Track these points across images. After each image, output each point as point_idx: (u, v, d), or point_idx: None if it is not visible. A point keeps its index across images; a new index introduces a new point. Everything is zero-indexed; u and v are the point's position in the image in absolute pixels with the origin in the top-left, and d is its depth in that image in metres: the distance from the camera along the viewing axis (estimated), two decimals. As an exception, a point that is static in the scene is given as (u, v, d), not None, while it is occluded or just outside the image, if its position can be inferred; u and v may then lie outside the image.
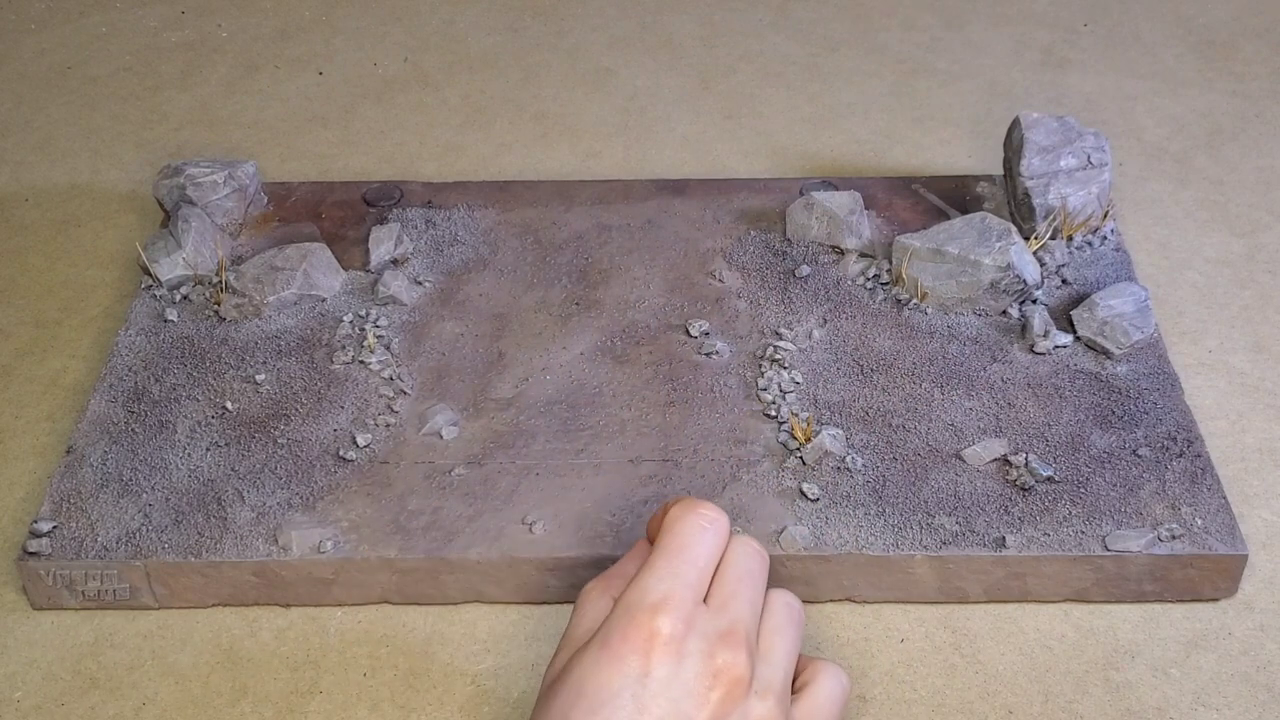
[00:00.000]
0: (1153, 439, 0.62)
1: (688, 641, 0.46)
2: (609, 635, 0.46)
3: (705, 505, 0.50)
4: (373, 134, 0.88)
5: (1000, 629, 0.58)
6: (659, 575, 0.48)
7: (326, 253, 0.72)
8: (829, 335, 0.68)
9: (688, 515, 0.50)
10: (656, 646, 0.46)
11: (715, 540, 0.49)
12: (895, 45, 0.95)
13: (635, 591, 0.47)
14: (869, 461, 0.61)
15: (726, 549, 0.50)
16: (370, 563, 0.58)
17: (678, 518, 0.50)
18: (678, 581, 0.47)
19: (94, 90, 0.92)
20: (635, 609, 0.47)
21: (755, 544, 0.51)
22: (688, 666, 0.46)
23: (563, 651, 0.49)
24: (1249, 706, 0.55)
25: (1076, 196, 0.71)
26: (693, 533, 0.49)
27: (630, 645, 0.46)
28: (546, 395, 0.65)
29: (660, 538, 0.49)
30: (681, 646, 0.46)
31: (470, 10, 0.99)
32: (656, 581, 0.47)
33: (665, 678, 0.45)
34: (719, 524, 0.50)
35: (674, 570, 0.48)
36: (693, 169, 0.84)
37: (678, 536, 0.49)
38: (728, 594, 0.48)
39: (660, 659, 0.46)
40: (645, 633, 0.46)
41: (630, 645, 0.46)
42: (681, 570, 0.48)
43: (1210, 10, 0.97)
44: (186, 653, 0.58)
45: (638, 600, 0.47)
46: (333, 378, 0.66)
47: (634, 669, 0.45)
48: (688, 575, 0.48)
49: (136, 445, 0.63)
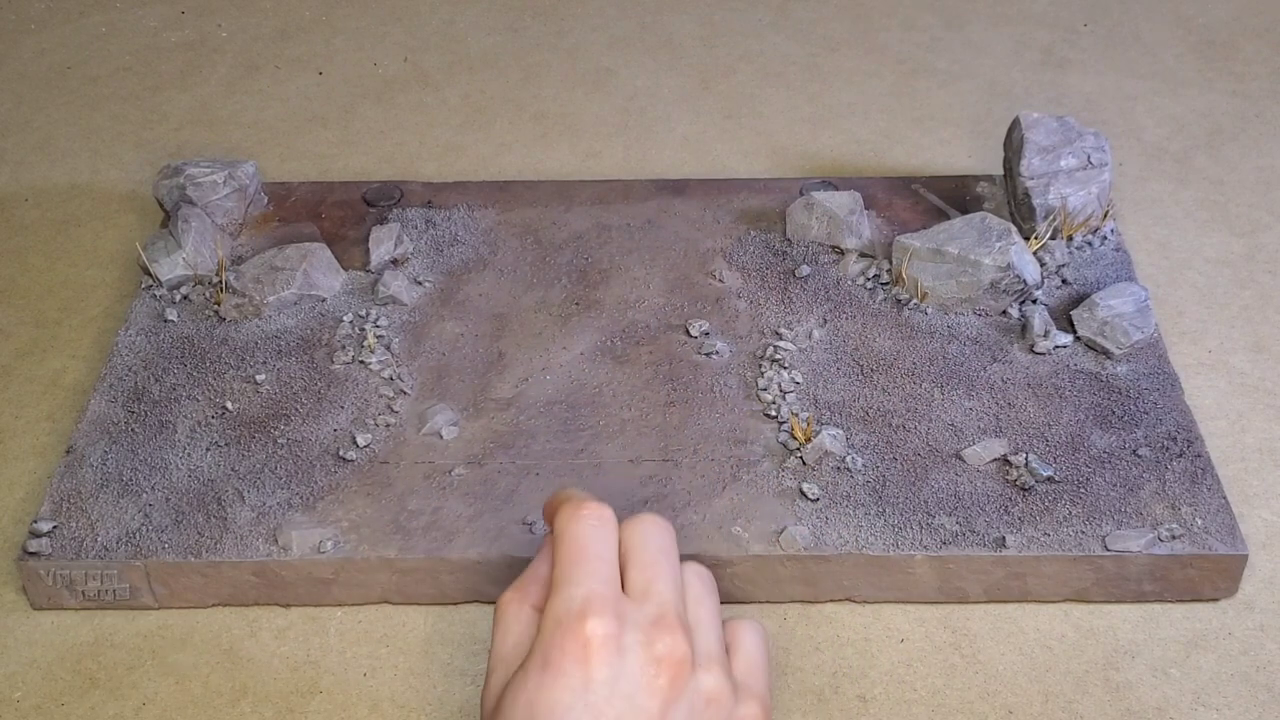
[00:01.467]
0: (1153, 439, 0.62)
1: (623, 637, 0.46)
2: (547, 653, 0.46)
3: (586, 504, 0.50)
4: (373, 134, 0.88)
5: (1000, 629, 0.58)
6: (574, 581, 0.47)
7: (326, 253, 0.72)
8: (829, 335, 0.68)
9: (575, 519, 0.49)
10: (594, 651, 0.46)
11: (610, 532, 0.49)
12: (895, 45, 0.95)
13: (558, 603, 0.47)
14: (869, 461, 0.61)
15: (627, 532, 0.50)
16: (370, 563, 0.58)
17: (566, 524, 0.49)
18: (594, 581, 0.47)
19: (94, 90, 0.92)
20: (563, 619, 0.46)
21: (653, 517, 0.51)
22: (630, 661, 0.46)
23: (496, 672, 0.49)
24: (1249, 706, 0.55)
25: (1076, 196, 0.71)
26: (587, 533, 0.49)
27: (569, 657, 0.46)
28: (546, 395, 0.65)
29: (557, 548, 0.49)
30: (619, 643, 0.46)
31: (470, 10, 1.00)
32: (574, 588, 0.47)
33: (610, 678, 0.45)
34: (605, 516, 0.50)
35: (586, 572, 0.48)
36: (693, 169, 0.84)
37: (575, 541, 0.49)
38: (647, 578, 0.48)
39: (600, 662, 0.45)
40: (579, 641, 0.46)
41: (569, 657, 0.46)
42: (593, 570, 0.48)
43: (1210, 10, 0.97)
44: (186, 653, 0.58)
45: (564, 610, 0.47)
46: (333, 378, 0.66)
47: (578, 680, 0.45)
48: (600, 573, 0.48)
49: (136, 445, 0.63)
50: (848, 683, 0.56)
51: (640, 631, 0.47)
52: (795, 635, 0.58)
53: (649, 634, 0.47)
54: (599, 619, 0.46)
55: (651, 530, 0.50)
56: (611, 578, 0.48)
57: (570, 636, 0.46)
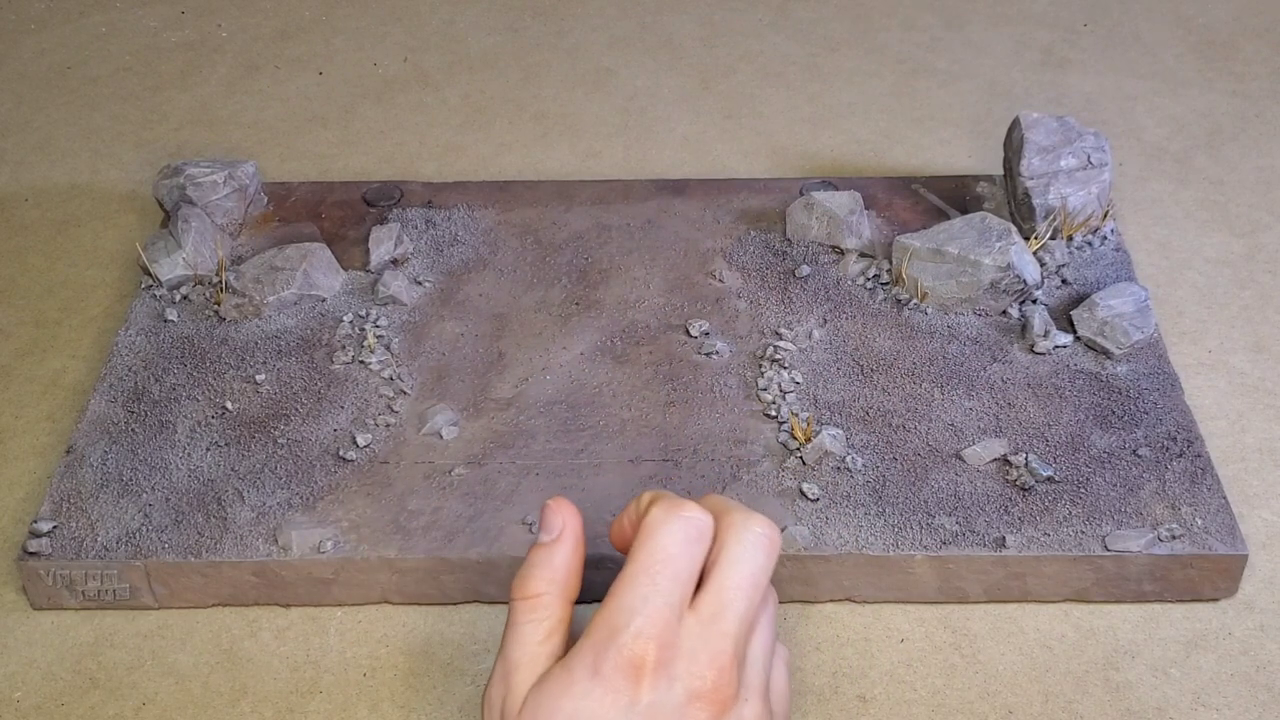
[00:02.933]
0: (1153, 439, 0.62)
1: (676, 665, 0.45)
2: (598, 661, 0.44)
3: (688, 507, 0.46)
4: (373, 134, 0.88)
5: (1000, 629, 0.58)
6: (642, 594, 0.45)
7: (326, 253, 0.72)
8: (829, 335, 0.68)
9: (669, 521, 0.46)
10: (645, 674, 0.44)
11: (701, 549, 0.46)
12: (895, 45, 0.95)
13: (618, 612, 0.45)
14: (869, 461, 0.61)
15: (727, 541, 0.46)
16: (370, 563, 0.58)
17: (659, 522, 0.46)
18: (661, 600, 0.45)
19: (94, 90, 0.92)
20: (620, 633, 0.44)
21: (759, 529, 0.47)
22: (677, 690, 0.44)
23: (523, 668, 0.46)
24: (1249, 706, 0.55)
25: (1076, 196, 0.71)
26: (677, 542, 0.45)
27: (620, 673, 0.44)
28: (546, 395, 0.65)
29: (639, 543, 0.46)
30: (671, 671, 0.44)
31: (470, 10, 1.00)
32: (641, 601, 0.45)
33: (656, 703, 0.44)
34: (704, 527, 0.46)
35: (657, 587, 0.45)
36: (693, 169, 0.84)
37: (660, 546, 0.45)
38: (721, 605, 0.45)
39: (649, 686, 0.44)
40: (633, 661, 0.44)
41: (620, 673, 0.44)
42: (665, 587, 0.45)
43: (1210, 10, 0.97)
44: (186, 653, 0.58)
45: (623, 623, 0.45)
46: (333, 378, 0.66)
47: (625, 698, 0.44)
48: (671, 593, 0.45)
49: (136, 445, 0.63)
50: (848, 683, 0.56)
51: (694, 663, 0.45)
52: (795, 635, 0.58)
53: (702, 667, 0.45)
54: (658, 645, 0.44)
55: (750, 551, 0.46)
56: (683, 599, 0.45)
57: (625, 653, 0.44)
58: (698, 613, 0.45)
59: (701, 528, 0.46)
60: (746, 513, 0.47)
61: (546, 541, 0.49)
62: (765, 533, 0.47)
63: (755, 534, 0.47)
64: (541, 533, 0.49)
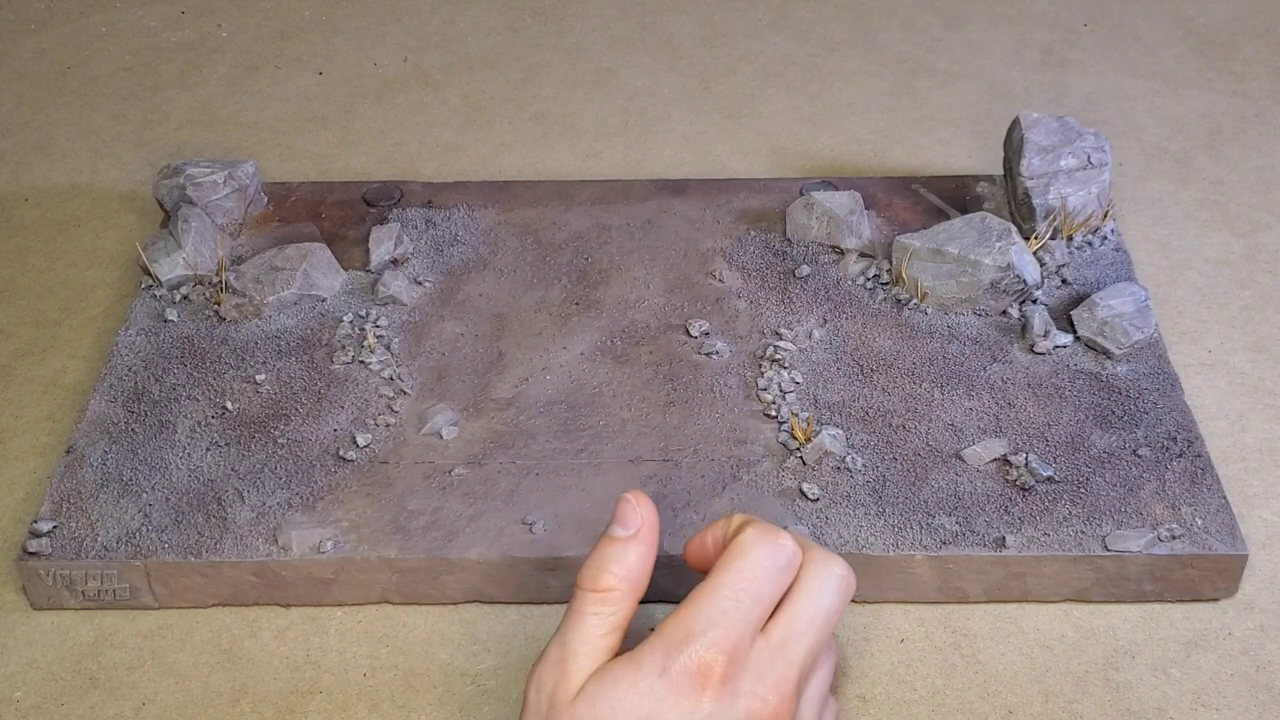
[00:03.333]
0: (1153, 439, 0.62)
1: (741, 682, 0.45)
2: (669, 662, 0.45)
3: (784, 537, 0.47)
4: (373, 134, 0.88)
5: (1000, 629, 0.58)
6: (723, 608, 0.46)
7: (326, 253, 0.72)
8: (829, 335, 0.68)
9: (764, 544, 0.47)
10: (711, 685, 0.45)
11: (786, 578, 0.47)
12: (895, 45, 0.95)
13: (696, 619, 0.46)
14: (869, 461, 0.61)
15: (806, 578, 0.48)
16: (370, 563, 0.58)
17: (753, 543, 0.47)
18: (740, 617, 0.46)
19: (94, 90, 0.92)
20: (696, 639, 0.45)
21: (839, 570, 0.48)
22: (738, 707, 0.45)
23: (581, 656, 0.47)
24: (1249, 706, 0.55)
25: (1076, 196, 0.71)
26: (765, 565, 0.47)
27: (688, 679, 0.45)
28: (546, 395, 0.65)
29: (729, 559, 0.47)
30: (735, 687, 0.45)
31: (470, 10, 1.00)
32: (720, 614, 0.46)
33: (714, 714, 0.45)
34: (794, 559, 0.47)
35: (739, 604, 0.46)
36: (693, 169, 0.84)
37: (751, 566, 0.46)
38: (793, 634, 0.46)
39: (712, 697, 0.45)
40: (704, 668, 0.45)
41: (688, 679, 0.45)
42: (746, 605, 0.46)
43: (1210, 10, 0.97)
44: (186, 653, 0.58)
45: (700, 630, 0.45)
46: (333, 378, 0.66)
47: (688, 703, 0.45)
48: (751, 612, 0.46)
49: (136, 445, 0.63)
50: (848, 683, 0.56)
51: (759, 684, 0.46)
52: (795, 635, 0.58)
53: (767, 690, 0.46)
54: (728, 659, 0.45)
55: (829, 589, 0.48)
56: (760, 619, 0.46)
57: (696, 660, 0.45)
58: (768, 637, 0.47)
59: (791, 558, 0.47)
60: (829, 554, 0.49)
61: (621, 536, 0.49)
62: (844, 575, 0.48)
63: (835, 575, 0.48)
64: (616, 526, 0.49)
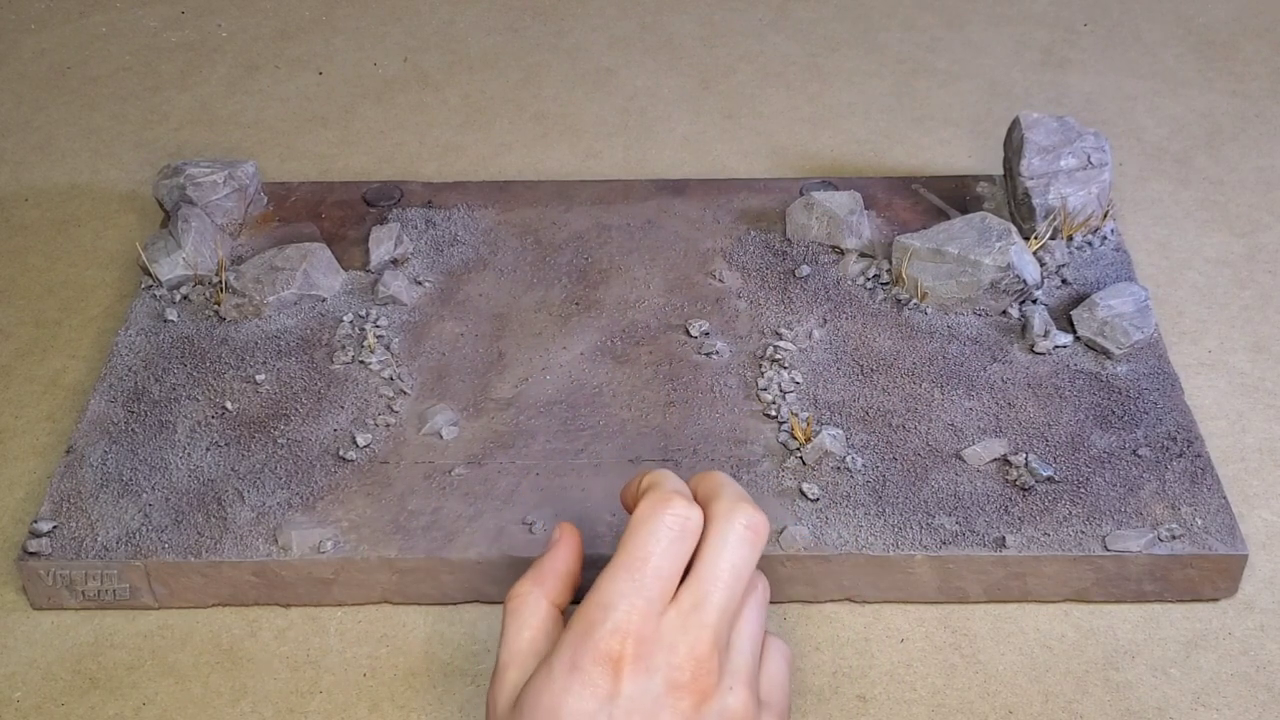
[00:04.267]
0: (1153, 439, 0.62)
1: (655, 657, 0.45)
2: (576, 656, 0.45)
3: (675, 504, 0.47)
4: (373, 134, 0.88)
5: (1000, 629, 0.58)
6: (620, 590, 0.45)
7: (326, 253, 0.72)
8: (829, 335, 0.68)
9: (655, 518, 0.46)
10: (625, 666, 0.45)
11: (685, 545, 0.47)
12: (895, 45, 0.95)
13: (596, 608, 0.46)
14: (869, 461, 0.61)
15: (710, 536, 0.47)
16: (370, 563, 0.58)
17: (644, 520, 0.47)
18: (640, 597, 0.45)
19: (94, 90, 0.92)
20: (597, 627, 0.45)
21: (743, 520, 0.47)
22: (656, 681, 0.45)
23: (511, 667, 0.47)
24: (1249, 706, 0.55)
25: (1076, 196, 0.71)
26: (659, 540, 0.46)
27: (599, 667, 0.45)
28: (546, 395, 0.65)
29: (625, 539, 0.47)
30: (649, 663, 0.45)
31: (470, 10, 1.00)
32: (619, 597, 0.45)
33: (636, 693, 0.45)
34: (689, 525, 0.47)
35: (636, 584, 0.45)
36: (693, 169, 0.84)
37: (643, 544, 0.46)
38: (701, 596, 0.46)
39: (629, 677, 0.45)
40: (612, 654, 0.45)
41: (599, 667, 0.45)
42: (645, 583, 0.46)
43: (1210, 10, 0.97)
44: (186, 653, 0.58)
45: (600, 618, 0.45)
46: (333, 378, 0.66)
47: (604, 690, 0.45)
48: (651, 589, 0.45)
49: (136, 445, 0.63)
50: (848, 683, 0.56)
51: (673, 655, 0.45)
52: (795, 635, 0.58)
53: (680, 661, 0.45)
54: (635, 639, 0.45)
55: (733, 544, 0.47)
56: (664, 593, 0.46)
57: (602, 647, 0.45)
58: (679, 605, 0.46)
59: (687, 524, 0.47)
60: (733, 503, 0.48)
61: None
62: (749, 524, 0.47)
63: (738, 527, 0.47)
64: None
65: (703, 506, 0.48)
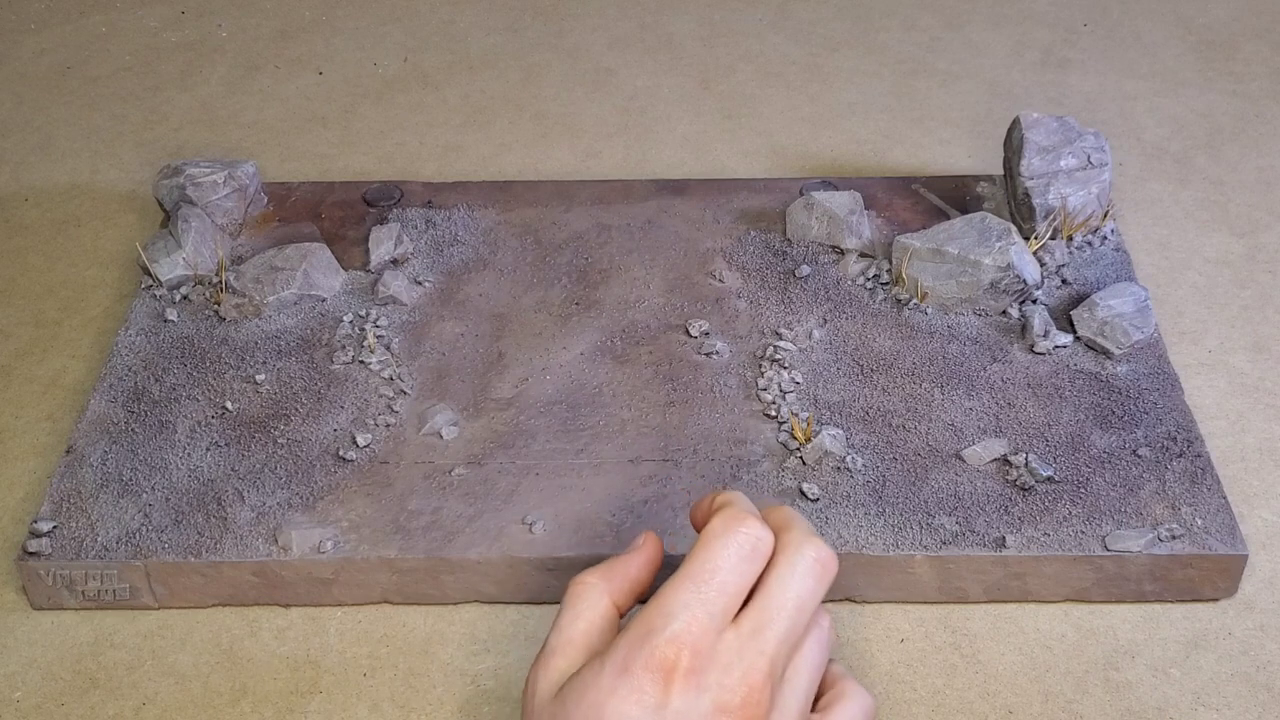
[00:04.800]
0: (1153, 439, 0.62)
1: (708, 675, 0.44)
2: (629, 659, 0.44)
3: (749, 523, 0.47)
4: (373, 134, 0.88)
5: (1000, 629, 0.58)
6: (684, 600, 0.45)
7: (326, 253, 0.72)
8: (829, 335, 0.68)
9: (728, 534, 0.46)
10: (676, 679, 0.44)
11: (753, 565, 0.46)
12: (895, 45, 0.95)
13: (657, 614, 0.45)
14: (869, 461, 0.61)
15: (779, 562, 0.47)
16: (370, 563, 0.58)
17: (716, 535, 0.46)
18: (703, 610, 0.45)
19: (94, 90, 0.92)
20: (656, 634, 0.45)
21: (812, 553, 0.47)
22: (705, 700, 0.44)
23: (560, 654, 0.47)
24: (1249, 706, 0.55)
25: (1076, 196, 0.71)
26: (729, 556, 0.46)
27: (650, 675, 0.44)
28: (546, 395, 0.65)
29: (694, 552, 0.46)
30: (701, 680, 0.44)
31: (470, 10, 1.00)
32: (681, 607, 0.45)
33: (682, 709, 0.44)
34: (760, 546, 0.46)
35: (701, 596, 0.45)
36: (693, 169, 0.84)
37: (712, 558, 0.46)
38: (763, 622, 0.46)
39: (679, 690, 0.44)
40: (666, 663, 0.44)
41: (650, 675, 0.44)
42: (709, 597, 0.45)
43: (1210, 10, 0.97)
44: (186, 653, 0.58)
45: (660, 625, 0.45)
46: (333, 378, 0.66)
47: (652, 700, 0.44)
48: (715, 604, 0.45)
49: (136, 445, 0.63)
50: (848, 683, 0.56)
51: (726, 676, 0.45)
52: (795, 635, 0.58)
53: (733, 684, 0.45)
54: (691, 652, 0.44)
55: (800, 574, 0.47)
56: (726, 610, 0.45)
57: (657, 654, 0.44)
58: (739, 627, 0.46)
59: (759, 545, 0.47)
60: (805, 534, 0.48)
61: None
62: (818, 557, 0.47)
63: (808, 558, 0.47)
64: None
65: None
